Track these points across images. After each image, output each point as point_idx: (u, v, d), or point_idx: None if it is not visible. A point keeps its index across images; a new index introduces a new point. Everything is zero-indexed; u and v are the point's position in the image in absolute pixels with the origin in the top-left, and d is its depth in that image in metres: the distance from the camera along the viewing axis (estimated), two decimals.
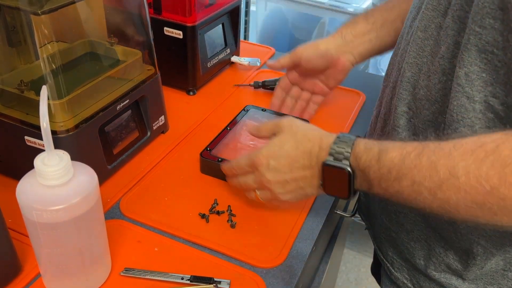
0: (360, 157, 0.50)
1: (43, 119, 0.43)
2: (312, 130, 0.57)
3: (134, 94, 0.70)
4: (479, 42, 0.46)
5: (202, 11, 0.87)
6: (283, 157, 0.56)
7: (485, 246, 0.55)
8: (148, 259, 0.57)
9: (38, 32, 0.57)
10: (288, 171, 0.56)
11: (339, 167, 0.51)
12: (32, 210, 0.44)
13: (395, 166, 0.46)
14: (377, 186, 0.49)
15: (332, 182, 0.53)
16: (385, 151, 0.48)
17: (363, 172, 0.50)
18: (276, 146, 0.57)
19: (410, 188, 0.46)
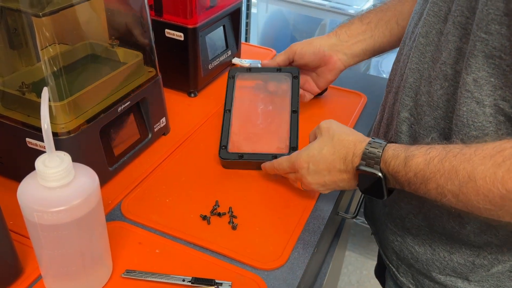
0: (389, 163, 0.53)
1: (44, 120, 0.43)
2: (347, 135, 0.59)
3: (135, 96, 0.70)
4: (486, 48, 0.47)
5: (203, 13, 0.87)
6: (322, 162, 0.59)
7: (498, 245, 0.55)
8: (149, 261, 0.57)
9: (40, 34, 0.57)
10: (326, 173, 0.59)
11: (371, 172, 0.54)
12: (33, 212, 0.44)
13: (421, 171, 0.49)
14: (407, 187, 0.52)
15: (367, 185, 0.56)
16: (411, 157, 0.50)
17: (393, 176, 0.53)
18: (315, 150, 0.60)
19: (435, 191, 0.48)
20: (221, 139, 0.73)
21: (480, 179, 0.44)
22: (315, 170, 0.60)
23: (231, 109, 0.77)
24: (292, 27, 1.96)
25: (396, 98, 0.62)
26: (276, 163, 0.67)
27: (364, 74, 1.59)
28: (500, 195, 0.42)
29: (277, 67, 0.80)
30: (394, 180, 0.53)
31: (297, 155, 0.62)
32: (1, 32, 0.63)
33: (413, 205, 0.61)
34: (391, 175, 0.53)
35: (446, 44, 0.52)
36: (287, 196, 0.68)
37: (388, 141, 0.55)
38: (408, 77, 0.57)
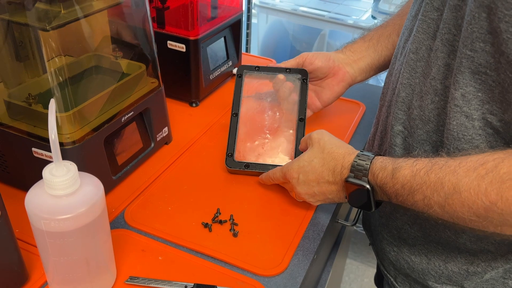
0: (377, 175, 0.54)
1: (51, 131, 0.44)
2: (337, 148, 0.60)
3: (138, 107, 0.71)
4: (472, 64, 0.48)
5: (204, 25, 0.89)
6: (311, 173, 0.61)
7: (493, 252, 0.56)
8: (152, 267, 0.58)
9: (46, 47, 0.59)
10: (315, 184, 0.61)
11: (359, 184, 0.55)
12: (40, 219, 0.45)
13: (408, 182, 0.50)
14: (394, 199, 0.53)
15: (355, 197, 0.57)
16: (398, 169, 0.51)
17: (381, 188, 0.54)
18: (305, 161, 0.62)
19: (422, 202, 0.49)
20: (228, 147, 0.74)
21: (464, 191, 0.45)
22: (305, 180, 0.62)
23: (239, 113, 0.77)
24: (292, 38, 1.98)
25: (389, 111, 0.63)
26: (271, 173, 0.69)
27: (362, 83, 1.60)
28: (484, 207, 0.44)
29: (286, 68, 0.78)
30: (382, 192, 0.54)
31: (288, 165, 0.64)
32: (8, 45, 0.65)
33: (408, 216, 0.62)
34: (379, 187, 0.54)
35: (435, 60, 0.53)
36: (287, 203, 0.69)
37: (377, 154, 0.56)
38: (400, 92, 0.59)
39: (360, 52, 0.79)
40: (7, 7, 0.60)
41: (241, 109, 0.77)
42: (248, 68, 0.79)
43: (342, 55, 0.79)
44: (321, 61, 0.78)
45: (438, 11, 0.52)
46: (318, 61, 0.78)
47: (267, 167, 0.73)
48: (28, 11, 0.59)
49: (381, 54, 0.78)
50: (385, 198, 0.55)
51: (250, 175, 0.74)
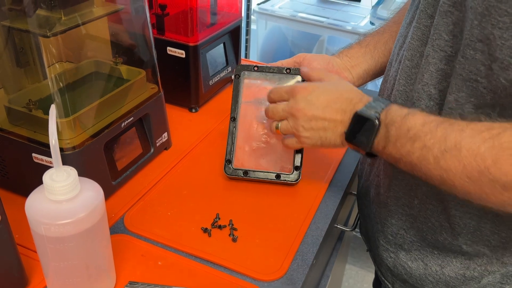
0: (390, 112, 0.53)
1: (52, 136, 0.45)
2: (356, 89, 0.61)
3: (138, 112, 0.72)
4: (463, 71, 0.49)
5: (204, 31, 0.89)
6: (324, 95, 0.58)
7: (489, 255, 0.56)
8: (152, 273, 0.58)
9: (47, 53, 0.60)
10: (321, 108, 0.58)
11: (368, 117, 0.54)
12: (41, 224, 0.46)
13: (415, 127, 0.50)
14: (392, 143, 0.52)
15: (357, 131, 0.55)
16: (412, 113, 0.51)
17: (387, 127, 0.53)
18: (322, 84, 0.60)
19: (419, 151, 0.49)
20: (226, 153, 0.74)
21: (465, 150, 0.45)
22: (313, 100, 0.59)
23: (237, 118, 0.75)
24: (291, 43, 1.99)
25: None
26: (275, 87, 0.65)
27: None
28: (478, 170, 0.44)
29: (286, 68, 0.76)
30: (384, 133, 0.53)
31: (303, 83, 0.62)
32: (8, 51, 0.65)
33: (404, 220, 0.62)
34: (385, 126, 0.53)
35: (427, 66, 0.53)
36: (286, 208, 0.69)
37: None
38: (397, 99, 0.59)
39: (357, 58, 0.78)
40: (8, 14, 0.60)
41: (240, 114, 0.76)
42: (247, 68, 0.77)
43: (339, 60, 0.79)
44: (319, 63, 0.76)
45: (431, 18, 0.53)
46: (316, 63, 0.76)
47: (266, 175, 0.73)
48: (29, 17, 0.59)
49: (378, 60, 0.78)
50: (382, 142, 0.54)
51: (248, 181, 0.74)
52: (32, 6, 0.59)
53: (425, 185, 0.57)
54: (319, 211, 0.70)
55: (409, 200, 0.60)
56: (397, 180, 0.61)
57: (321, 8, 2.01)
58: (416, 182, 0.58)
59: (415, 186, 0.59)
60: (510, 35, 0.43)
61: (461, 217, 0.55)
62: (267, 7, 1.96)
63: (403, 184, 0.60)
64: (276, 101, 0.65)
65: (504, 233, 0.53)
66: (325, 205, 0.71)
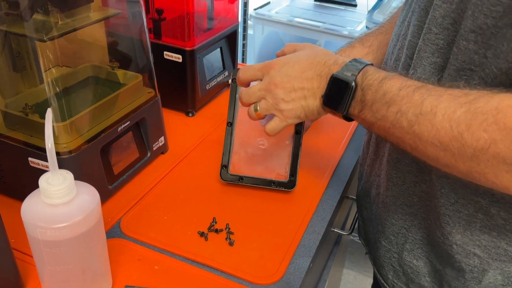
0: (367, 76, 0.52)
1: (48, 140, 0.45)
2: (330, 52, 0.59)
3: (135, 116, 0.72)
4: (456, 62, 0.49)
5: (200, 36, 0.90)
6: (297, 64, 0.57)
7: (481, 256, 0.56)
8: (148, 277, 0.58)
9: (43, 57, 0.60)
10: (298, 77, 0.57)
11: (345, 80, 0.53)
12: (36, 228, 0.46)
13: (391, 91, 0.49)
14: (368, 107, 0.51)
15: (333, 95, 0.54)
16: (390, 77, 0.50)
17: (363, 91, 0.52)
18: (294, 55, 0.59)
19: (394, 116, 0.48)
20: (222, 158, 0.74)
21: (440, 115, 0.44)
22: (287, 71, 0.57)
23: (233, 123, 0.74)
24: None
25: None
26: (247, 66, 0.62)
27: None
28: (450, 135, 0.43)
29: None
30: (362, 96, 0.52)
31: (274, 59, 0.60)
32: (5, 55, 0.65)
33: (404, 220, 0.62)
34: (361, 89, 0.52)
35: (419, 60, 0.54)
36: (283, 212, 0.70)
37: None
38: None
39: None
40: (5, 18, 0.60)
41: (237, 119, 0.75)
42: None
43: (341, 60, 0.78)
44: None
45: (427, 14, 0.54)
46: None
47: (261, 182, 0.73)
48: (26, 22, 0.60)
49: (379, 62, 0.77)
50: (358, 106, 0.53)
51: (245, 186, 0.74)
52: (29, 10, 0.59)
53: (424, 182, 0.57)
54: (316, 214, 0.70)
55: (408, 199, 0.60)
56: (395, 179, 0.61)
57: (318, 13, 2.02)
58: (414, 179, 0.58)
59: (413, 184, 0.59)
60: (503, 23, 0.44)
61: (450, 216, 0.55)
62: (264, 12, 1.97)
63: (400, 183, 0.60)
64: (249, 82, 0.63)
65: (495, 232, 0.53)
66: (322, 208, 0.71)
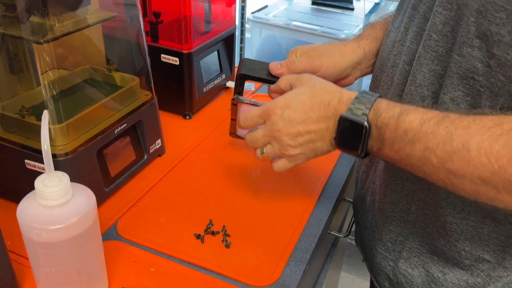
0: (380, 114, 0.49)
1: (44, 142, 0.45)
2: (331, 85, 0.56)
3: (132, 119, 0.72)
4: (460, 69, 0.48)
5: (198, 39, 0.90)
6: (299, 106, 0.54)
7: (490, 261, 0.55)
8: (145, 279, 0.58)
9: (40, 60, 0.60)
10: (302, 121, 0.54)
11: (356, 121, 0.50)
12: (32, 230, 0.46)
13: (413, 128, 0.46)
14: (389, 146, 0.48)
15: (346, 137, 0.51)
16: (406, 112, 0.47)
17: (379, 130, 0.49)
18: (293, 95, 0.55)
19: (421, 154, 0.45)
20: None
21: (474, 150, 0.41)
22: (290, 116, 0.54)
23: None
24: (285, 51, 2.00)
25: None
26: (245, 113, 0.59)
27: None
28: (491, 170, 0.40)
29: None
30: (378, 135, 0.49)
31: (272, 102, 0.56)
32: (2, 58, 0.65)
33: (402, 227, 0.61)
34: (377, 128, 0.49)
35: (419, 67, 0.53)
36: (279, 214, 0.70)
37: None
38: None
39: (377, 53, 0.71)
40: (2, 21, 0.60)
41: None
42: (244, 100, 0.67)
43: (362, 56, 0.70)
44: (334, 77, 0.70)
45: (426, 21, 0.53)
46: (331, 78, 0.69)
47: None
48: (23, 24, 0.60)
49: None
50: (377, 144, 0.50)
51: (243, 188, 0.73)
52: (25, 13, 0.59)
53: (422, 191, 0.57)
54: (312, 217, 0.70)
55: (406, 206, 0.59)
56: (393, 185, 0.60)
57: (315, 17, 2.02)
58: (413, 187, 0.58)
59: (411, 192, 0.58)
60: (506, 31, 0.43)
61: (457, 223, 0.54)
62: (261, 15, 1.97)
63: (399, 190, 0.60)
64: (251, 128, 0.60)
65: (503, 237, 0.53)
66: (318, 211, 0.71)
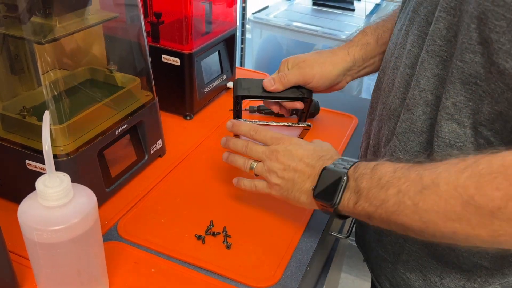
0: (359, 168, 0.53)
1: (45, 142, 0.45)
2: (332, 149, 0.62)
3: (133, 119, 0.72)
4: (462, 75, 0.48)
5: (199, 39, 0.90)
6: (301, 150, 0.59)
7: (488, 267, 0.55)
8: (145, 280, 0.58)
9: (41, 60, 0.60)
10: (296, 160, 0.59)
11: (336, 172, 0.54)
12: (33, 230, 0.45)
13: (385, 175, 0.49)
14: (364, 197, 0.51)
15: (324, 186, 0.55)
16: (381, 164, 0.51)
17: (356, 181, 0.52)
18: (305, 143, 0.61)
19: (395, 197, 0.47)
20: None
21: (444, 184, 0.43)
22: (291, 151, 0.59)
23: None
24: (286, 52, 2.01)
25: (380, 125, 0.63)
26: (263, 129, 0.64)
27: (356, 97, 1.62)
28: (461, 201, 0.42)
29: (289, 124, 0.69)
30: (356, 186, 0.52)
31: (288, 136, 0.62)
32: (3, 58, 0.65)
33: None
34: (354, 179, 0.52)
35: (423, 71, 0.53)
36: (280, 215, 0.70)
37: None
38: (392, 106, 0.59)
39: (369, 60, 0.74)
40: (3, 21, 0.60)
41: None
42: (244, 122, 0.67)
43: (351, 63, 0.73)
44: (326, 87, 0.73)
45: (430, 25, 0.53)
46: (323, 88, 0.72)
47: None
48: (24, 24, 0.60)
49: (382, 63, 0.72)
50: (353, 198, 0.52)
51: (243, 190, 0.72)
52: (27, 13, 0.59)
53: None
54: (313, 217, 0.70)
55: None
56: None
57: (316, 17, 2.03)
58: None
59: None
60: (506, 39, 0.43)
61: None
62: (262, 16, 1.97)
63: None
64: (257, 141, 0.64)
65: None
66: (319, 212, 0.71)
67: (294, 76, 0.70)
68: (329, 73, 0.72)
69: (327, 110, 0.99)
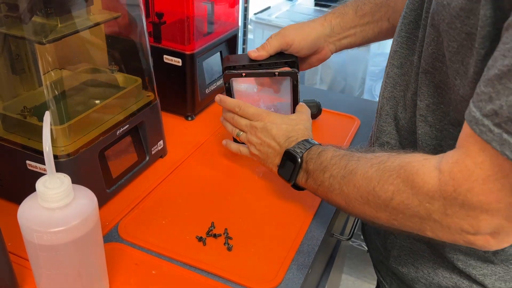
0: (311, 152, 0.62)
1: (46, 143, 0.44)
2: (306, 130, 0.69)
3: (134, 120, 0.72)
4: (434, 79, 0.52)
5: (200, 40, 0.89)
6: (277, 127, 0.69)
7: (463, 260, 0.56)
8: (146, 282, 0.57)
9: (42, 60, 0.60)
10: (271, 137, 0.68)
11: (293, 155, 0.63)
12: (33, 232, 0.45)
13: (325, 161, 0.59)
14: (311, 177, 0.61)
15: (284, 166, 0.65)
16: (325, 150, 0.60)
17: (307, 163, 0.62)
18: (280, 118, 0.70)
19: (328, 180, 0.57)
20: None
21: (358, 174, 0.52)
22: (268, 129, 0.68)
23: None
24: None
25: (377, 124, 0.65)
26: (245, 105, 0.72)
27: (357, 98, 1.62)
28: (366, 190, 0.50)
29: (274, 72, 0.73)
30: (306, 167, 0.62)
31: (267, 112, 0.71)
32: (4, 58, 0.65)
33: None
34: (305, 162, 0.62)
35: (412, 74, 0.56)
36: (281, 217, 0.69)
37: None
38: (385, 105, 0.61)
39: (348, 30, 0.77)
40: (4, 21, 0.60)
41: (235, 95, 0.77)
42: (235, 75, 0.74)
43: (329, 30, 0.77)
44: (306, 49, 0.76)
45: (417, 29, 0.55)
46: (303, 51, 0.76)
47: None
48: (25, 24, 0.59)
49: (365, 36, 0.77)
50: (304, 176, 0.62)
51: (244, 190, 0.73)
52: (28, 13, 0.59)
53: None
54: (315, 220, 0.69)
55: None
56: None
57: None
58: None
59: None
60: (456, 59, 0.46)
61: None
62: (264, 16, 1.97)
63: None
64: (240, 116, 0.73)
65: None
66: (321, 213, 0.71)
67: (276, 41, 0.75)
68: (308, 36, 0.76)
69: (329, 111, 0.98)
